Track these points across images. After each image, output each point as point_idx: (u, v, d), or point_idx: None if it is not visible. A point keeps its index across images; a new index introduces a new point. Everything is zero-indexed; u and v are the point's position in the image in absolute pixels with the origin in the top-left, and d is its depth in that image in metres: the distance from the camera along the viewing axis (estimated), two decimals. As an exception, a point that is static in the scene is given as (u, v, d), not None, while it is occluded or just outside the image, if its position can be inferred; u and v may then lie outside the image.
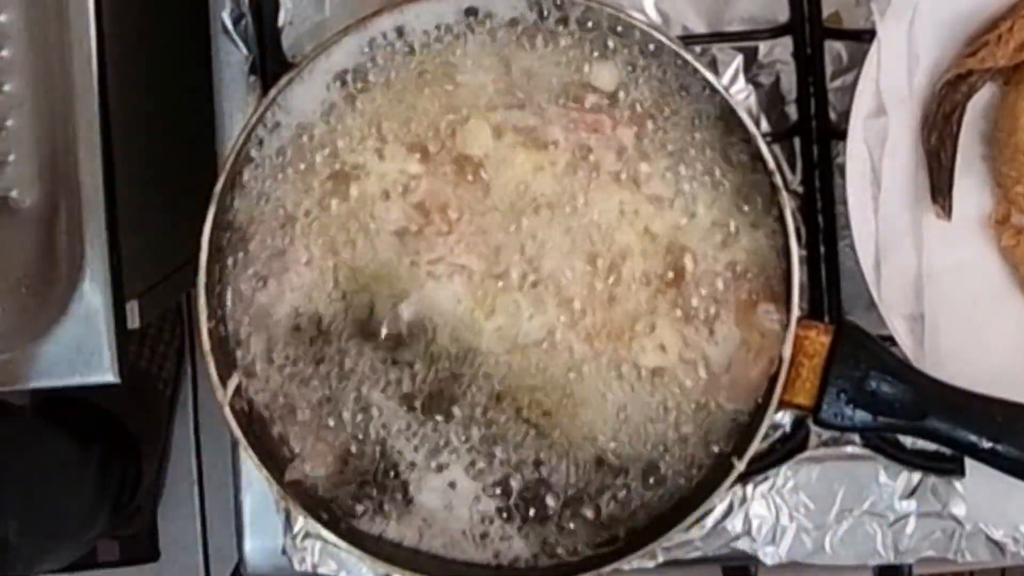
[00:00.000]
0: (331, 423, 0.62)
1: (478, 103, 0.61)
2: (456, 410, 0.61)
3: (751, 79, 0.68)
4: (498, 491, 0.62)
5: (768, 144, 0.60)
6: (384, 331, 0.61)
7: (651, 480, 0.61)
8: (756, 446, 0.59)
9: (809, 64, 0.68)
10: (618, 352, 0.61)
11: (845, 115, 0.65)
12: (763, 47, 0.68)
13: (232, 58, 0.70)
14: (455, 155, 0.61)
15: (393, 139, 0.61)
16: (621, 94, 0.61)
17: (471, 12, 0.61)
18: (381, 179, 0.61)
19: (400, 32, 0.61)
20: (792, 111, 0.68)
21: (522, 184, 0.61)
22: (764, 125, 0.68)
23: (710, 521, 0.68)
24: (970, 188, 0.66)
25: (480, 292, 0.61)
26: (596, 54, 0.61)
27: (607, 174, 0.61)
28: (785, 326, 0.59)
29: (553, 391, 0.61)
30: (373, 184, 0.61)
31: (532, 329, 0.61)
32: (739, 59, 0.68)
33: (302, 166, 0.62)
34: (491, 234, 0.61)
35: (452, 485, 0.62)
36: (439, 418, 0.61)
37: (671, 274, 0.60)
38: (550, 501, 0.62)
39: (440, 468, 0.62)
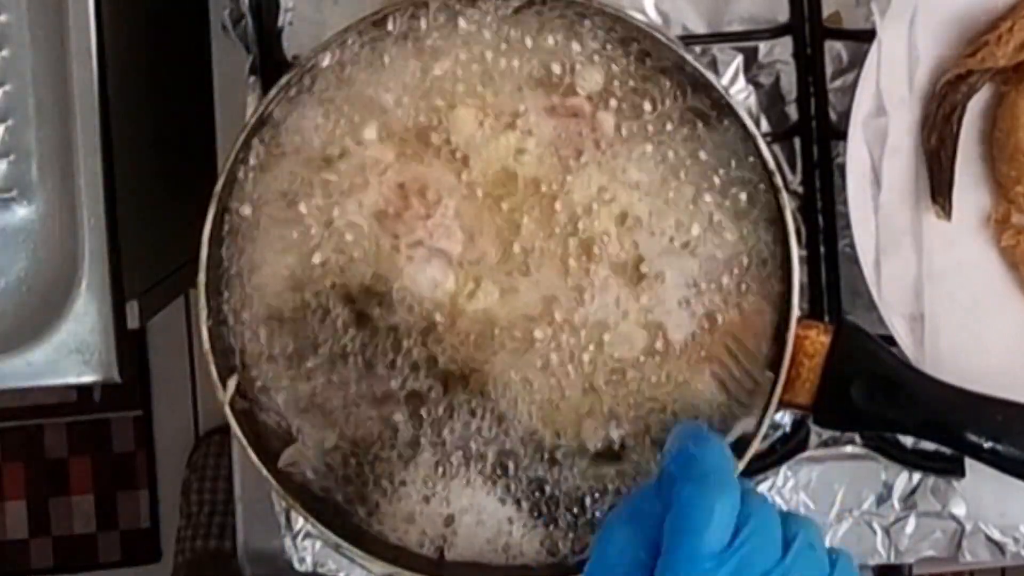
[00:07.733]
0: (330, 420, 0.62)
1: (460, 89, 0.61)
2: (440, 401, 0.61)
3: (751, 79, 0.68)
4: (496, 489, 0.62)
5: (768, 144, 0.60)
6: (376, 320, 0.61)
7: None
8: (756, 446, 0.59)
9: (809, 64, 0.68)
10: (601, 343, 0.60)
11: (845, 115, 0.65)
12: (763, 47, 0.68)
13: (232, 58, 0.70)
14: (437, 140, 0.61)
15: (376, 126, 0.61)
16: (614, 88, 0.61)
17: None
18: (362, 166, 0.61)
19: (384, 19, 0.61)
20: (792, 111, 0.68)
21: (502, 168, 0.60)
22: (764, 125, 0.68)
23: (710, 521, 0.68)
24: (970, 188, 0.66)
25: (460, 276, 0.60)
26: (580, 49, 0.60)
27: (587, 160, 0.60)
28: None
29: (538, 381, 0.61)
30: (355, 171, 0.61)
31: (511, 315, 0.60)
32: (739, 59, 0.68)
33: (297, 162, 0.62)
34: (470, 218, 0.60)
35: (444, 472, 0.62)
36: (426, 413, 0.61)
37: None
38: (549, 499, 0.62)
39: (438, 467, 0.62)
